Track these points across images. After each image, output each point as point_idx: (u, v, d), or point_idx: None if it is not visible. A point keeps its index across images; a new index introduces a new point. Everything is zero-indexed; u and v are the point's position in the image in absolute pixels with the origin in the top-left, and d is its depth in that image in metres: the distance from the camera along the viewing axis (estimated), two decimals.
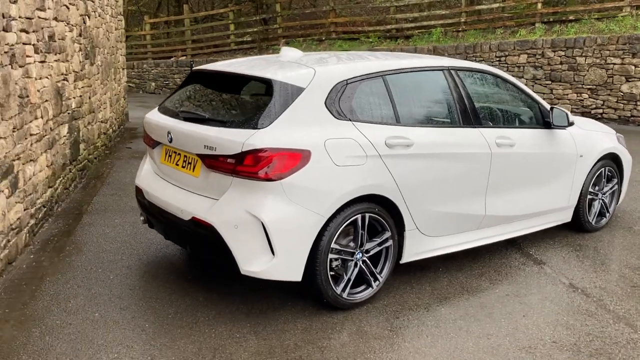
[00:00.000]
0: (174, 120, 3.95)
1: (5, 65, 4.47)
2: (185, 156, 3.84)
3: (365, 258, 3.86)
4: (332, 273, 3.75)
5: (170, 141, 3.92)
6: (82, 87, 7.28)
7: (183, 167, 3.88)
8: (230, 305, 3.84)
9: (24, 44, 4.95)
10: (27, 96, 4.99)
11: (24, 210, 4.82)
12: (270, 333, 3.52)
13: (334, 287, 3.71)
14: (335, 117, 3.71)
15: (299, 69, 3.82)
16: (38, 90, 5.32)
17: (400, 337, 3.51)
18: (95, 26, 8.32)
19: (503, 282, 4.35)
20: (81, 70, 7.24)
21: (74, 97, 6.82)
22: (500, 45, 13.59)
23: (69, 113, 6.51)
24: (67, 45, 6.49)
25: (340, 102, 3.75)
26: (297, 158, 3.48)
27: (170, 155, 4.02)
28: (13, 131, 4.59)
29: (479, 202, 4.43)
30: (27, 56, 5.04)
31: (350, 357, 3.29)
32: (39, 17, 5.40)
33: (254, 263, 3.47)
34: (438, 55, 13.77)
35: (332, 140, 3.62)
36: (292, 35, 18.67)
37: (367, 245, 3.87)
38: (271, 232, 3.42)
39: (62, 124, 6.20)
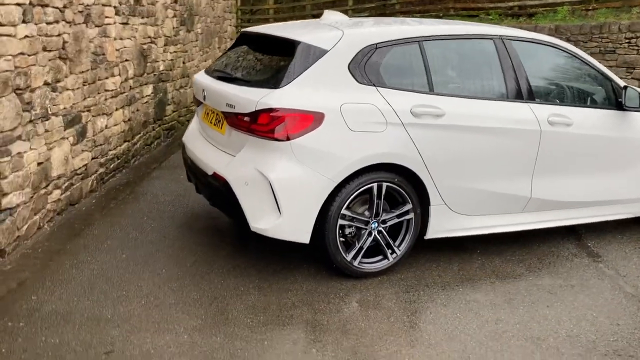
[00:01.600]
0: (210, 79, 4.09)
1: (79, 24, 4.85)
2: (216, 114, 3.97)
3: (381, 228, 3.77)
4: (343, 239, 3.70)
5: (204, 99, 4.06)
6: (174, 52, 7.68)
7: (215, 124, 4.01)
8: (248, 262, 3.93)
9: (103, 5, 5.32)
10: (103, 54, 5.39)
11: (92, 158, 5.25)
12: (274, 291, 3.58)
13: (343, 253, 3.67)
14: (358, 82, 3.63)
15: (329, 31, 3.77)
16: (117, 50, 5.71)
17: (401, 311, 3.41)
18: None
19: (542, 271, 4.05)
20: (174, 36, 7.64)
21: (163, 61, 7.23)
22: (631, 26, 12.32)
23: (155, 75, 6.93)
24: (157, 10, 6.88)
25: (366, 66, 3.66)
26: (310, 120, 3.47)
27: (207, 114, 4.17)
28: (83, 85, 4.99)
29: (524, 183, 4.13)
30: (106, 17, 5.42)
31: (340, 322, 3.26)
32: None
33: (262, 220, 3.53)
34: (560, 35, 12.80)
35: (350, 105, 3.55)
36: (409, 11, 18.23)
37: (385, 216, 3.77)
38: (277, 192, 3.45)
39: (145, 84, 6.62)
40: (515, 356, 3.03)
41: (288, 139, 3.45)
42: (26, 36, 4.01)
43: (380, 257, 3.84)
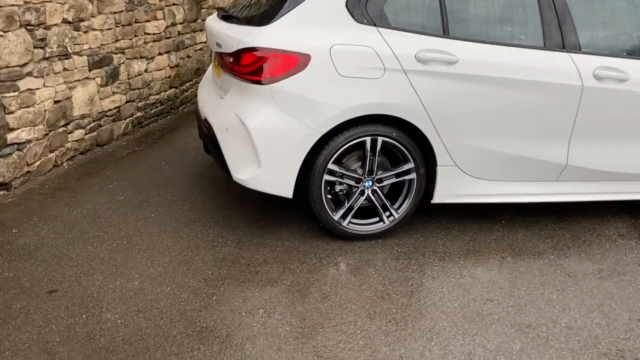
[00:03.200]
0: (216, 21, 3.85)
1: None
2: (218, 56, 3.75)
3: (376, 188, 3.40)
4: (332, 197, 3.39)
5: (207, 40, 3.85)
6: None
7: (216, 67, 3.80)
8: (240, 214, 3.75)
9: None
10: None
11: (127, 102, 5.26)
12: (252, 245, 3.36)
13: (329, 211, 3.36)
14: (357, 20, 3.22)
15: None
16: None
17: (379, 279, 3.07)
18: None
19: (571, 250, 3.49)
20: None
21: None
22: None
23: None
24: None
25: (367, 3, 3.24)
26: (293, 62, 3.14)
27: (215, 58, 3.96)
28: (116, 26, 4.96)
29: (559, 147, 3.55)
30: None
31: (305, 284, 2.99)
32: None
33: (242, 170, 3.30)
34: None
35: (341, 46, 3.17)
36: None
37: (381, 174, 3.39)
38: (255, 140, 3.19)
39: (199, 31, 6.52)
40: (489, 342, 2.60)
41: (268, 82, 3.15)
42: None
43: (376, 219, 3.48)
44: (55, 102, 4.31)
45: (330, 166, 3.28)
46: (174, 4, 5.88)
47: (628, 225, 3.84)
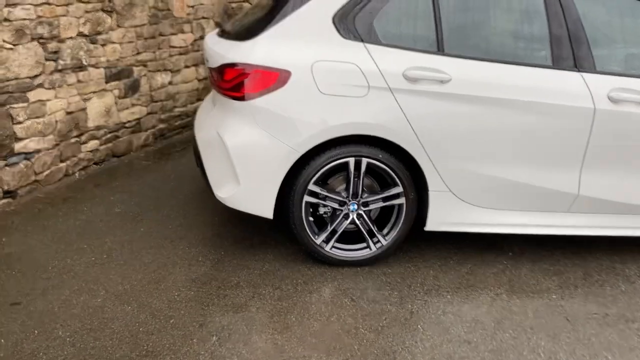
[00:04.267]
0: (211, 37, 3.79)
1: None
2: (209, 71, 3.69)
3: (361, 211, 3.21)
4: (313, 219, 3.23)
5: None
6: None
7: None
8: (230, 233, 3.66)
9: None
10: (168, 9, 5.37)
11: (148, 113, 5.31)
12: (229, 266, 3.26)
13: (310, 235, 3.20)
14: (343, 36, 3.07)
15: None
16: (190, 6, 5.67)
17: (352, 311, 2.88)
18: None
19: (578, 290, 3.17)
20: None
21: None
22: None
23: None
24: None
25: (355, 18, 3.08)
26: (273, 78, 3.02)
27: None
28: (137, 39, 5.02)
29: (569, 175, 3.24)
30: None
31: (271, 312, 2.85)
32: None
33: (222, 188, 3.21)
34: None
35: (324, 63, 3.02)
36: None
37: (366, 198, 3.20)
38: (232, 157, 3.10)
39: None
40: None
41: (247, 98, 3.05)
42: None
43: (363, 245, 3.29)
44: (68, 113, 4.38)
45: (311, 187, 3.12)
46: (203, 18, 5.92)
47: None
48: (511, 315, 2.90)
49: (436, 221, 3.28)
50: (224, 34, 3.48)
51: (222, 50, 3.17)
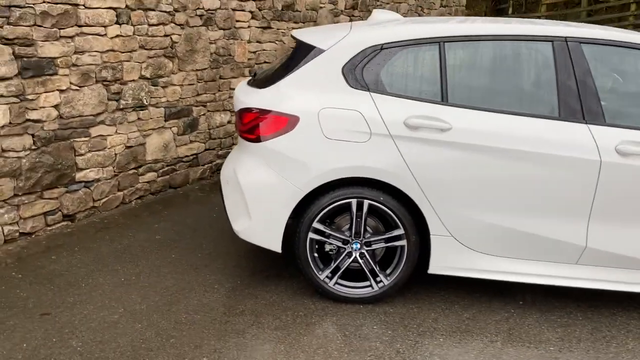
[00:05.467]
0: (241, 84, 4.09)
1: (195, 26, 5.38)
2: None
3: (364, 251, 3.37)
4: (318, 255, 3.43)
5: None
6: None
7: None
8: (252, 264, 3.92)
9: (233, 10, 5.78)
10: (230, 55, 5.85)
11: (205, 149, 5.76)
12: (240, 295, 3.50)
13: (314, 270, 3.39)
14: (350, 85, 3.30)
15: (340, 30, 3.50)
16: (251, 52, 6.12)
17: (340, 346, 3.02)
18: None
19: (580, 344, 3.12)
20: None
21: None
22: None
23: None
24: (319, 16, 7.13)
25: (364, 69, 3.30)
26: (283, 122, 3.29)
27: None
28: (198, 81, 5.51)
29: (576, 227, 3.23)
30: (237, 21, 5.87)
31: (264, 340, 3.04)
32: None
33: (237, 221, 3.49)
34: None
35: (330, 110, 3.26)
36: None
37: (369, 238, 3.36)
38: (245, 194, 3.38)
39: None
40: None
41: (260, 140, 3.33)
42: (118, 35, 4.62)
43: (366, 284, 3.43)
44: (127, 147, 4.88)
45: (316, 225, 3.32)
46: (265, 62, 6.34)
47: None
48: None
49: (439, 265, 3.35)
50: (251, 82, 3.79)
51: (242, 96, 3.49)
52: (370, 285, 3.40)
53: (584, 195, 3.15)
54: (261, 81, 3.55)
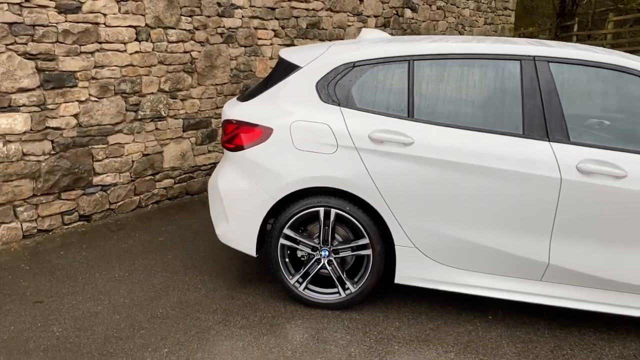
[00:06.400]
0: (233, 99, 4.34)
1: (215, 44, 5.72)
2: None
3: (332, 258, 3.53)
4: (288, 260, 3.61)
5: None
6: None
7: None
8: (240, 267, 4.13)
9: (255, 28, 6.10)
10: (251, 71, 6.15)
11: None
12: (218, 295, 3.72)
13: (285, 274, 3.58)
14: (322, 100, 3.49)
15: (318, 49, 3.70)
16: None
17: (292, 347, 3.18)
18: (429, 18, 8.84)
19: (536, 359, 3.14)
20: None
21: None
22: None
23: None
24: (347, 34, 7.35)
25: (336, 85, 3.49)
26: (258, 134, 3.52)
27: None
28: (218, 95, 5.84)
29: (537, 243, 3.26)
30: (259, 38, 6.18)
31: (222, 337, 3.24)
32: (292, 7, 6.45)
33: (218, 226, 3.74)
34: None
35: (301, 123, 3.45)
36: None
37: (337, 246, 3.52)
38: (223, 200, 3.62)
39: None
40: None
41: (238, 150, 3.57)
42: (137, 52, 5.01)
43: (335, 290, 3.58)
44: (144, 155, 5.25)
45: (286, 231, 3.51)
46: None
47: (639, 349, 3.26)
48: None
49: (404, 275, 3.46)
50: (239, 96, 4.05)
51: (227, 109, 3.74)
52: (338, 292, 3.54)
53: (545, 212, 3.18)
54: (245, 96, 3.80)
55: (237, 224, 3.59)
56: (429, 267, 3.40)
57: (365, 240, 3.43)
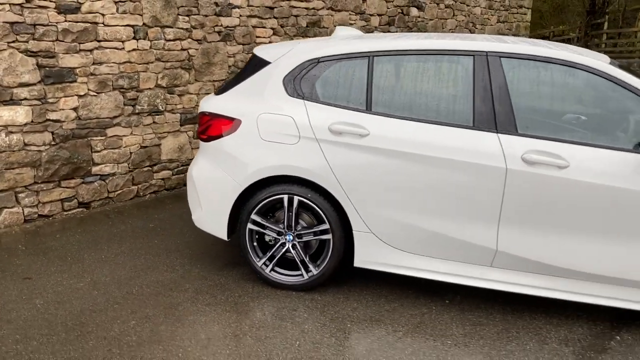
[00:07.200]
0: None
1: (212, 42, 6.00)
2: None
3: (296, 243, 3.75)
4: (256, 244, 3.85)
5: None
6: None
7: None
8: (219, 253, 4.38)
9: (253, 27, 6.36)
10: None
11: None
12: (193, 276, 3.98)
13: (253, 258, 3.82)
14: (288, 94, 3.71)
15: (288, 46, 3.93)
16: None
17: (252, 321, 3.41)
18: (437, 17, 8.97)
19: (479, 341, 3.30)
20: None
21: None
22: None
23: None
24: None
25: (302, 80, 3.71)
26: (228, 125, 3.77)
27: None
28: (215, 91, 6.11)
29: (486, 231, 3.42)
30: (257, 37, 6.43)
31: (186, 311, 3.49)
32: (291, 6, 6.69)
33: (194, 212, 4.00)
34: None
35: (267, 115, 3.69)
36: None
37: (300, 231, 3.74)
38: (197, 187, 3.88)
39: None
40: None
41: (210, 140, 3.83)
42: (135, 49, 5.32)
43: (299, 272, 3.80)
44: (142, 147, 5.56)
45: (254, 217, 3.75)
46: None
47: (585, 333, 3.38)
48: (390, 349, 3.17)
49: (362, 259, 3.66)
50: (216, 91, 4.30)
51: (202, 102, 4.00)
52: (301, 274, 3.76)
53: (492, 201, 3.34)
54: (220, 89, 4.05)
55: (209, 210, 3.84)
56: (385, 252, 3.59)
57: (326, 226, 3.63)
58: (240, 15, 6.17)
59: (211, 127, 3.80)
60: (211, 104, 3.86)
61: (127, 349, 3.08)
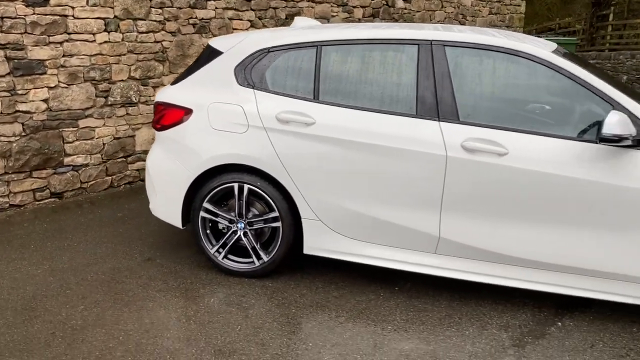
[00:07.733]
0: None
1: (186, 34, 6.06)
2: None
3: (247, 230, 3.81)
4: (209, 232, 3.91)
5: None
6: None
7: None
8: (182, 242, 4.45)
9: (229, 19, 6.41)
10: None
11: None
12: (151, 264, 4.05)
13: (206, 245, 3.88)
14: (239, 83, 3.76)
15: (240, 36, 3.97)
16: None
17: (198, 307, 3.48)
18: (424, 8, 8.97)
19: (414, 325, 3.35)
20: None
21: None
22: None
23: None
24: None
25: (252, 69, 3.76)
26: (180, 114, 3.83)
27: None
28: None
29: (428, 218, 3.46)
30: (234, 28, 6.49)
31: (137, 297, 3.56)
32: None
33: (151, 200, 4.08)
34: None
35: (217, 104, 3.74)
36: None
37: (251, 218, 3.80)
38: (152, 176, 3.95)
39: None
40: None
41: (163, 129, 3.89)
42: (106, 41, 5.39)
43: (250, 259, 3.86)
44: (116, 138, 5.64)
45: (206, 205, 3.81)
46: None
47: (528, 320, 3.41)
48: (329, 334, 3.22)
49: (311, 246, 3.71)
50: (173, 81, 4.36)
51: (158, 93, 4.06)
52: (253, 262, 3.82)
53: (434, 189, 3.37)
54: (175, 80, 4.11)
55: (163, 198, 3.91)
56: (333, 239, 3.64)
57: (275, 214, 3.69)
58: (216, 8, 6.22)
59: (164, 117, 3.86)
60: (166, 94, 3.92)
61: (71, 332, 3.16)
